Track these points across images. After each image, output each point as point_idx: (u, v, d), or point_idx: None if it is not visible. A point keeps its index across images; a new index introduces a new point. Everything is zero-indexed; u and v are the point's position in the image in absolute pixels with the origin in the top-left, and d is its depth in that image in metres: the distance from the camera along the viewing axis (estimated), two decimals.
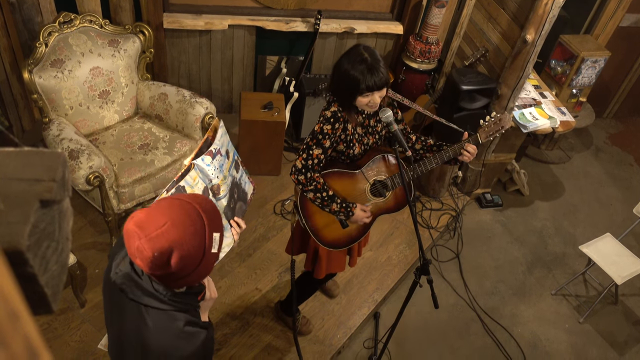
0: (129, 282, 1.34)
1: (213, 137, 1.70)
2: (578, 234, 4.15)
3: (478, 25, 3.69)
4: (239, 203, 1.86)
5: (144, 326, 1.34)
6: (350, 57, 2.04)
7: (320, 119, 2.14)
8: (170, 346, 1.34)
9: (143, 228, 1.19)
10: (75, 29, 3.12)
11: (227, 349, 2.88)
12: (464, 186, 4.11)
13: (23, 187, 0.48)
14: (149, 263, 1.19)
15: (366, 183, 2.29)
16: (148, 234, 1.18)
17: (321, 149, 2.13)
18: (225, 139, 1.77)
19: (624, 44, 4.76)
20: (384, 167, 2.30)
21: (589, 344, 3.42)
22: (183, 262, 1.20)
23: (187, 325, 1.36)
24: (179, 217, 1.21)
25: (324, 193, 2.17)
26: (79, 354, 2.72)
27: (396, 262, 3.52)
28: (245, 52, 4.01)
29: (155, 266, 1.20)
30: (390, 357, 3.09)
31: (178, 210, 1.22)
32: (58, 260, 0.51)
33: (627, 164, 5.00)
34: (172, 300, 1.34)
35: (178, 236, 1.19)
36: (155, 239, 1.18)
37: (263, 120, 3.58)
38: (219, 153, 1.69)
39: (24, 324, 0.37)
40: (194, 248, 1.21)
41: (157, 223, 1.19)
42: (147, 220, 1.20)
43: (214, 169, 1.65)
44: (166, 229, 1.18)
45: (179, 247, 1.19)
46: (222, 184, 1.70)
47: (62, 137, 2.87)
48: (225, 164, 1.74)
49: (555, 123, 3.63)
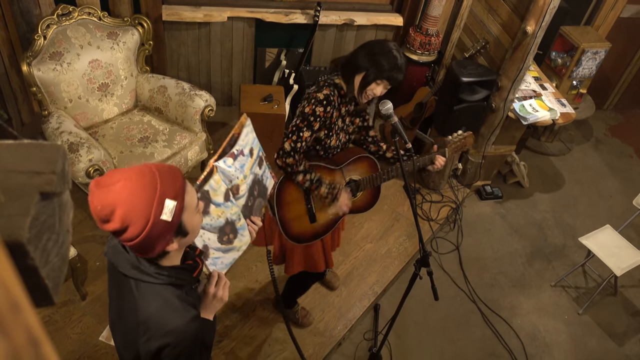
0: (116, 255, 1.38)
1: (238, 134, 1.70)
2: (578, 225, 4.15)
3: (478, 16, 3.67)
4: (258, 199, 1.87)
5: (132, 298, 1.36)
6: (382, 47, 2.09)
7: (312, 100, 2.12)
8: (156, 316, 1.34)
9: (98, 181, 1.24)
10: (73, 22, 3.10)
11: (228, 341, 2.89)
12: (464, 178, 4.11)
13: (23, 179, 0.48)
14: (94, 214, 1.23)
15: (342, 180, 2.31)
16: (99, 187, 1.23)
17: (310, 132, 2.12)
18: (250, 136, 1.78)
19: (624, 35, 4.74)
20: (359, 168, 2.34)
21: (588, 335, 3.44)
22: (124, 220, 1.22)
23: (176, 299, 1.37)
24: (131, 178, 1.24)
25: (312, 174, 2.17)
26: (80, 346, 2.73)
27: (396, 254, 3.52)
28: (245, 44, 3.99)
29: (100, 220, 1.23)
30: (390, 348, 3.11)
31: (135, 173, 1.25)
32: (59, 252, 0.51)
33: (627, 156, 5.00)
34: (157, 273, 1.35)
35: (123, 195, 1.22)
36: (103, 193, 1.22)
37: (263, 113, 3.57)
38: (241, 153, 1.70)
39: (26, 315, 0.37)
40: (138, 209, 1.22)
41: (111, 180, 1.23)
42: (105, 177, 1.25)
43: (234, 170, 1.66)
44: (115, 187, 1.22)
45: (121, 205, 1.21)
46: (242, 183, 1.72)
47: (61, 130, 2.87)
48: (247, 164, 1.74)
49: (556, 115, 3.63)
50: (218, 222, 1.64)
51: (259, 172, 1.86)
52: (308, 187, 2.19)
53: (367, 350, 3.05)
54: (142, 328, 1.35)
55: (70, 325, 2.81)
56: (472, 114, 3.50)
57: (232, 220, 1.69)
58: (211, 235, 1.63)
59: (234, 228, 1.71)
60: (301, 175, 2.16)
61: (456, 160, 3.95)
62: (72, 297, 2.91)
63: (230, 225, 1.69)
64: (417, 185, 4.03)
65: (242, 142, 1.71)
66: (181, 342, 1.35)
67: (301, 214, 2.32)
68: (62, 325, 2.80)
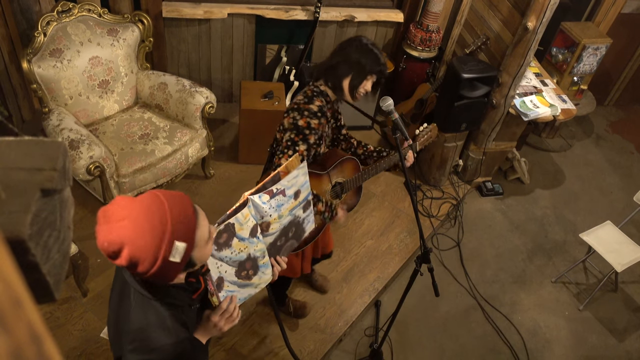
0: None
1: (285, 174, 1.67)
2: (578, 221, 4.15)
3: (479, 12, 3.66)
4: (290, 241, 1.84)
5: (128, 305, 1.36)
6: (357, 47, 2.12)
7: (304, 112, 2.09)
8: (145, 330, 1.33)
9: (106, 216, 1.20)
10: (73, 18, 3.10)
11: (228, 338, 2.90)
12: (464, 175, 4.11)
13: (24, 176, 0.48)
14: (102, 251, 1.21)
15: (329, 184, 2.31)
16: (107, 222, 1.19)
17: (306, 145, 2.08)
18: (300, 180, 1.73)
19: (625, 31, 4.73)
20: (344, 170, 2.35)
21: (588, 331, 3.44)
22: (132, 260, 1.20)
23: (169, 318, 1.34)
24: (140, 216, 1.19)
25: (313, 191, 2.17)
26: (81, 343, 2.74)
27: (397, 251, 3.53)
28: (245, 41, 3.99)
29: (107, 254, 1.21)
30: (391, 345, 3.11)
31: (145, 209, 1.21)
32: (60, 249, 0.51)
33: (627, 152, 4.99)
34: (151, 290, 1.33)
35: (130, 234, 1.18)
36: (110, 229, 1.19)
37: (263, 110, 3.57)
38: (281, 193, 1.66)
39: (27, 311, 0.37)
40: (146, 251, 1.19)
41: (118, 215, 1.19)
42: (112, 209, 1.20)
43: (269, 207, 1.63)
44: (122, 224, 1.18)
45: (129, 244, 1.18)
46: (274, 222, 1.68)
47: (62, 127, 2.87)
48: (287, 205, 1.71)
49: (556, 111, 3.62)
50: (239, 257, 1.59)
51: (301, 215, 1.82)
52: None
53: (368, 346, 3.05)
54: (130, 337, 1.34)
55: (71, 322, 2.82)
56: (473, 110, 3.49)
57: (254, 257, 1.65)
58: (229, 269, 1.57)
59: (256, 265, 1.67)
60: None
61: (457, 156, 3.95)
62: (74, 294, 2.92)
63: (251, 261, 1.65)
64: (418, 182, 4.03)
65: (286, 183, 1.67)
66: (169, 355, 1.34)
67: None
68: (63, 322, 2.81)
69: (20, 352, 0.35)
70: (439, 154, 3.83)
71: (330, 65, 2.17)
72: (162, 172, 3.17)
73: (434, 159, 3.90)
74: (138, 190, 3.12)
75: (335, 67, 2.15)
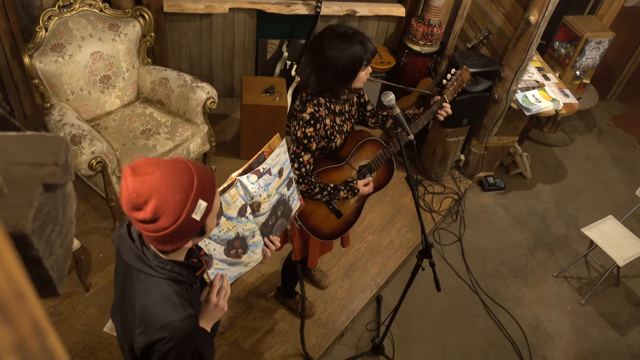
0: (122, 243, 1.39)
1: (268, 154, 1.69)
2: (580, 216, 4.15)
3: (481, 6, 3.65)
4: (280, 220, 1.86)
5: (132, 288, 1.37)
6: (331, 43, 1.97)
7: (300, 122, 2.07)
8: (153, 309, 1.34)
9: (135, 169, 1.23)
10: (75, 13, 3.10)
11: (231, 332, 2.91)
12: (466, 169, 4.10)
13: (26, 171, 0.48)
14: (127, 201, 1.23)
15: (352, 171, 2.31)
16: (136, 174, 1.22)
17: (310, 154, 2.10)
18: (282, 158, 1.76)
19: (628, 24, 4.70)
20: (365, 152, 2.33)
21: (590, 325, 3.45)
22: (157, 212, 1.22)
23: (174, 295, 1.36)
24: (169, 171, 1.24)
25: (328, 188, 2.17)
26: (84, 337, 2.75)
27: (399, 246, 3.53)
28: (246, 36, 3.98)
29: (132, 206, 1.23)
30: (392, 339, 3.12)
31: (173, 167, 1.26)
32: (62, 243, 0.51)
33: (630, 146, 4.98)
34: (159, 267, 1.35)
35: (160, 187, 1.22)
36: (140, 181, 1.22)
37: (265, 105, 3.57)
38: (267, 172, 1.69)
39: (31, 305, 0.37)
40: (172, 203, 1.23)
41: (147, 169, 1.23)
42: (141, 164, 1.24)
43: (257, 187, 1.65)
44: (152, 177, 1.22)
45: (157, 196, 1.21)
46: (264, 202, 1.71)
47: (63, 122, 2.87)
48: (274, 183, 1.73)
49: (559, 105, 3.61)
50: (227, 235, 1.63)
51: (287, 193, 1.85)
52: (328, 200, 2.21)
53: (369, 341, 3.06)
54: (138, 319, 1.35)
55: (74, 316, 2.83)
56: (475, 105, 3.48)
57: (243, 236, 1.68)
58: (217, 247, 1.62)
59: (245, 244, 1.70)
60: (319, 194, 2.16)
61: (458, 151, 3.94)
62: (76, 288, 2.93)
63: (240, 240, 1.68)
64: (420, 177, 4.03)
65: (270, 162, 1.70)
66: (174, 338, 1.34)
67: (326, 215, 2.35)
68: (66, 317, 2.82)
69: (23, 345, 0.35)
70: (441, 149, 3.82)
71: (320, 74, 2.04)
72: None
73: (435, 154, 3.90)
74: None
75: (324, 74, 2.03)
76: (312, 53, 2.05)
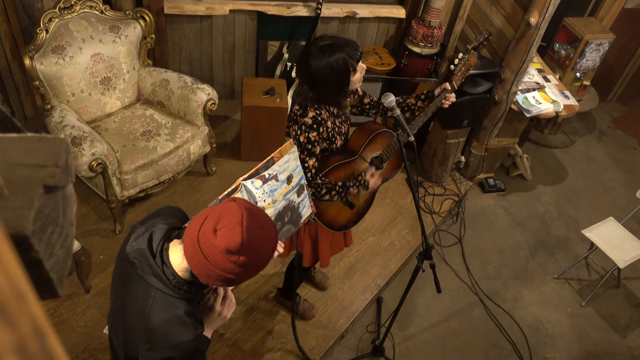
0: (141, 258, 1.36)
1: (278, 159, 1.69)
2: (581, 218, 4.15)
3: (481, 8, 3.65)
4: (287, 226, 1.85)
5: (145, 304, 1.35)
6: (315, 58, 1.98)
7: (302, 127, 2.07)
8: (164, 327, 1.34)
9: (252, 216, 1.24)
10: (75, 15, 3.10)
11: (231, 334, 2.91)
12: (466, 171, 4.10)
13: (27, 172, 0.48)
14: (224, 243, 1.22)
15: (364, 163, 2.33)
16: (253, 223, 1.23)
17: (314, 158, 2.10)
18: (292, 164, 1.75)
19: (628, 26, 4.71)
20: (375, 145, 2.35)
21: (591, 327, 3.45)
22: (241, 267, 1.24)
23: (186, 315, 1.36)
24: (273, 237, 1.29)
25: (337, 187, 2.18)
26: (84, 339, 2.75)
27: (399, 247, 3.53)
28: (247, 38, 3.98)
29: (224, 251, 1.23)
30: (393, 341, 3.12)
31: (274, 232, 1.31)
32: (63, 245, 0.51)
33: (630, 148, 4.98)
34: (176, 287, 1.34)
35: (262, 248, 1.25)
36: (254, 233, 1.23)
37: (265, 106, 3.57)
38: (274, 178, 1.68)
39: (31, 306, 0.37)
40: (256, 266, 1.27)
41: (264, 224, 1.26)
42: (258, 214, 1.27)
43: (262, 193, 1.65)
44: (265, 234, 1.25)
45: (254, 256, 1.24)
46: (269, 207, 1.71)
47: (64, 124, 2.87)
48: (280, 189, 1.73)
49: (559, 107, 3.61)
50: None
51: (296, 199, 1.84)
52: (338, 198, 2.21)
53: (370, 342, 3.06)
54: (147, 336, 1.35)
55: (74, 318, 2.83)
56: (475, 107, 3.48)
57: None
58: None
59: None
60: (327, 195, 2.16)
61: (459, 153, 3.94)
62: (77, 290, 2.93)
63: None
64: (420, 178, 4.03)
65: (278, 168, 1.69)
66: (182, 357, 1.35)
67: (339, 208, 2.36)
68: (66, 318, 2.82)
69: (24, 347, 0.35)
70: (441, 151, 3.82)
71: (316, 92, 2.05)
72: (164, 169, 3.17)
73: (436, 155, 3.90)
74: (140, 187, 3.13)
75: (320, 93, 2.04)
76: (302, 71, 2.06)
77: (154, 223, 1.44)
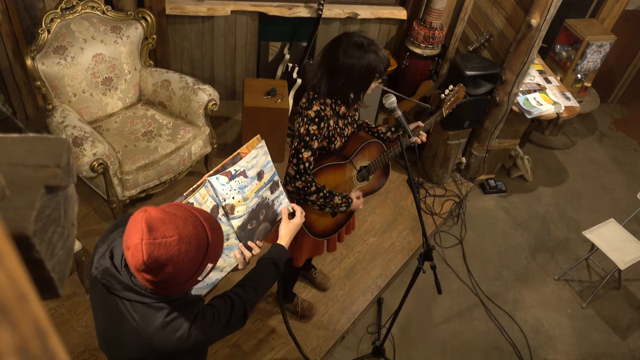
0: (109, 277, 1.33)
1: (245, 155, 1.64)
2: (582, 219, 4.15)
3: (482, 9, 3.65)
4: (263, 224, 1.79)
5: (131, 320, 1.33)
6: (347, 50, 1.98)
7: (304, 119, 2.07)
8: (157, 336, 1.33)
9: (151, 230, 1.17)
10: (77, 15, 3.11)
11: (232, 334, 2.90)
12: (467, 172, 4.10)
13: (28, 173, 0.49)
14: (138, 263, 1.18)
15: (353, 170, 2.33)
16: (153, 238, 1.17)
17: (310, 151, 2.09)
18: (261, 160, 1.70)
19: (629, 28, 4.71)
20: (367, 154, 2.36)
21: (591, 329, 3.44)
22: (170, 277, 1.21)
23: (171, 314, 1.34)
24: (188, 237, 1.20)
25: (324, 190, 2.17)
26: (85, 339, 2.75)
27: (400, 248, 3.53)
28: (248, 38, 3.99)
29: (144, 268, 1.19)
30: (393, 342, 3.11)
31: (192, 229, 1.21)
32: (64, 245, 0.51)
33: (631, 149, 4.98)
34: (152, 292, 1.33)
35: (178, 254, 1.18)
36: (156, 245, 1.17)
37: (266, 107, 3.57)
38: (242, 174, 1.63)
39: (32, 306, 0.37)
40: (186, 271, 1.22)
41: (166, 232, 1.18)
42: (159, 224, 1.18)
43: (229, 190, 1.60)
44: (171, 242, 1.17)
45: (174, 264, 1.18)
46: (239, 205, 1.65)
47: (65, 124, 2.88)
48: (252, 186, 1.67)
49: (560, 108, 3.61)
50: None
51: (270, 196, 1.78)
52: (321, 203, 2.19)
53: (370, 343, 3.06)
54: (147, 349, 1.35)
55: (75, 318, 2.83)
56: (476, 108, 3.49)
57: None
58: None
59: None
60: (314, 195, 2.14)
61: (460, 154, 3.94)
62: (77, 290, 2.93)
63: None
64: (421, 180, 4.03)
65: (245, 163, 1.64)
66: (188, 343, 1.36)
67: (320, 214, 2.35)
68: (67, 318, 2.82)
69: (25, 347, 0.35)
70: (442, 152, 3.82)
71: (333, 82, 2.05)
72: (165, 170, 3.17)
73: (436, 157, 3.90)
74: (141, 188, 3.13)
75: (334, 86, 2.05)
76: (327, 59, 2.04)
77: (113, 238, 1.42)
